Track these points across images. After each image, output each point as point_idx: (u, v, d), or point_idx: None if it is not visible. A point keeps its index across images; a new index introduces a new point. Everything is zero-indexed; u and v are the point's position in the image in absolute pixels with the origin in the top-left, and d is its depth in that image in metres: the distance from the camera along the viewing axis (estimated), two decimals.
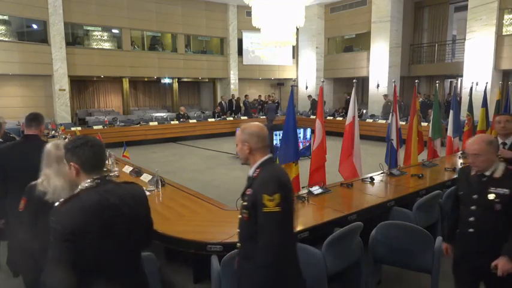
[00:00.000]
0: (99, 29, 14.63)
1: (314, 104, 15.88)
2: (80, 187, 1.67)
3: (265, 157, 1.97)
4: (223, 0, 16.28)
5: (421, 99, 12.36)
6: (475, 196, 2.34)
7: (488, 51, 12.15)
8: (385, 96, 13.85)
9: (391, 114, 5.68)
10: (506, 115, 3.77)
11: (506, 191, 2.23)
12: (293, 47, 16.65)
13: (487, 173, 2.33)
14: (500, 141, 3.45)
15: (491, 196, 2.26)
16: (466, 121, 7.77)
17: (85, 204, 1.56)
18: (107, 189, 1.65)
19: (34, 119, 3.22)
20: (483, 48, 12.24)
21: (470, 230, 2.36)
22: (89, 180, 1.65)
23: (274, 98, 15.93)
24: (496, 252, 2.23)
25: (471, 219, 2.35)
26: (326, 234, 2.90)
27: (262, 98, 17.12)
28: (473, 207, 2.33)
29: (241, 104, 16.01)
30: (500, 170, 2.30)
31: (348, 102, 15.21)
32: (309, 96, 16.46)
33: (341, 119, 13.53)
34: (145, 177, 4.51)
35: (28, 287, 2.57)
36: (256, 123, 2.06)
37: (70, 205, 1.55)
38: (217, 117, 14.47)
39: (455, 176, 4.78)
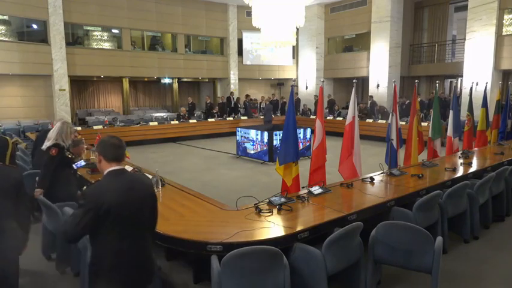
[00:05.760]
0: (99, 29, 14.63)
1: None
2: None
3: None
4: (223, 0, 16.28)
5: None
6: None
7: (488, 51, 12.15)
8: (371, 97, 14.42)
9: (391, 114, 5.69)
10: None
11: None
12: (293, 47, 16.66)
13: None
14: None
15: None
16: (466, 121, 7.78)
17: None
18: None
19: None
20: (483, 48, 12.24)
21: None
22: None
23: (270, 98, 15.78)
24: None
25: None
26: (326, 234, 2.90)
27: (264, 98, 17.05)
28: None
29: (233, 102, 15.89)
30: None
31: (330, 102, 15.48)
32: (315, 96, 16.42)
33: (341, 119, 13.53)
34: None
35: None
36: None
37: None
38: (218, 117, 14.46)
39: (455, 176, 4.79)
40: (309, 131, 9.56)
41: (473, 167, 5.24)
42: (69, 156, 4.12)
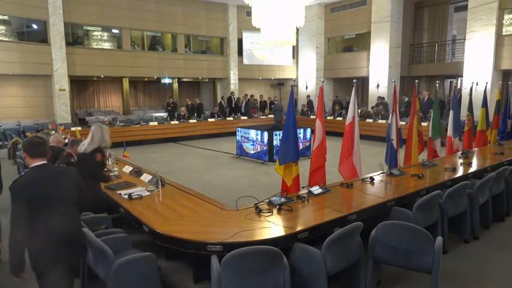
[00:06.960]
0: (99, 29, 14.64)
1: (310, 103, 16.02)
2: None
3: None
4: (223, 0, 16.28)
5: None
6: None
7: (488, 51, 12.15)
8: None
9: (391, 114, 5.69)
10: None
11: None
12: (293, 47, 16.67)
13: None
14: None
15: None
16: (466, 121, 7.78)
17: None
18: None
19: None
20: (483, 48, 12.24)
21: None
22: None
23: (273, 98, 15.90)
24: None
25: None
26: (326, 234, 2.90)
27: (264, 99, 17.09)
28: None
29: (234, 102, 15.93)
30: None
31: (309, 103, 15.74)
32: (308, 96, 16.54)
33: (341, 119, 13.53)
34: (145, 177, 4.51)
35: None
36: None
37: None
38: (217, 117, 14.46)
39: (455, 176, 4.79)
40: (309, 131, 9.56)
41: (473, 167, 5.24)
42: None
